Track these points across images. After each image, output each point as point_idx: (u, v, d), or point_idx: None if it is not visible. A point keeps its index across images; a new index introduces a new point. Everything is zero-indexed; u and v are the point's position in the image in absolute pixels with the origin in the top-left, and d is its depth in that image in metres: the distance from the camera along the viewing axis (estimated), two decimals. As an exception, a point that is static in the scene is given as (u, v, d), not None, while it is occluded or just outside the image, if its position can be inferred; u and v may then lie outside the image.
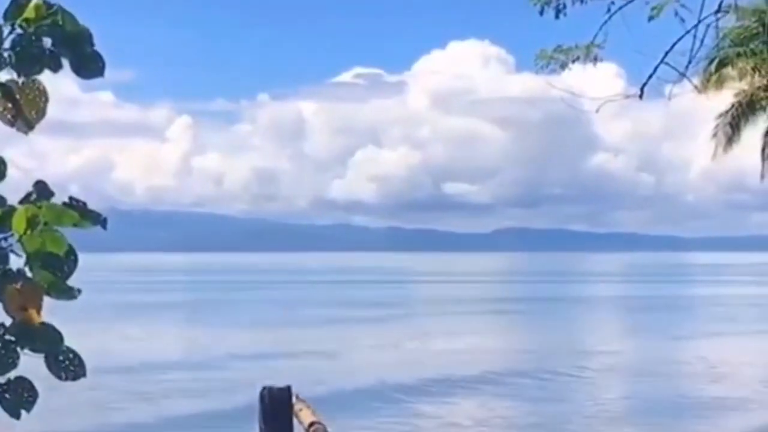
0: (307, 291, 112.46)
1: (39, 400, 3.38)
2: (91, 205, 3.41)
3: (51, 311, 3.28)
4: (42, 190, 3.36)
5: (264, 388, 8.13)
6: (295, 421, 8.02)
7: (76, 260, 3.32)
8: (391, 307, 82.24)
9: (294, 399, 8.11)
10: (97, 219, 3.34)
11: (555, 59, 12.97)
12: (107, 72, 3.47)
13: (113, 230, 3.42)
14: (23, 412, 3.42)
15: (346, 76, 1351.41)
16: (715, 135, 31.90)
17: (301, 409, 7.94)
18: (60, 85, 3.50)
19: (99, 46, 3.46)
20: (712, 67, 26.17)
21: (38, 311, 3.21)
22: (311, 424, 7.56)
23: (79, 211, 3.29)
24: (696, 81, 17.75)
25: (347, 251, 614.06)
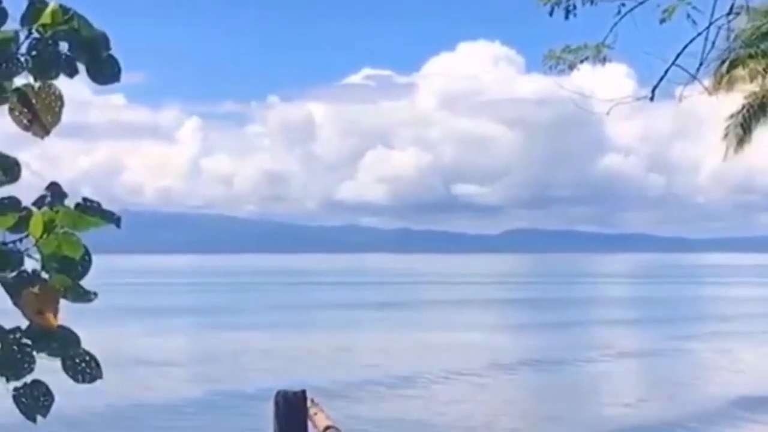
0: (316, 293, 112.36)
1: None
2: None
3: (64, 314, 3.29)
4: (56, 191, 3.37)
5: (278, 393, 8.08)
6: (310, 424, 8.01)
7: (89, 262, 3.33)
8: (401, 308, 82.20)
9: (309, 403, 8.08)
10: (111, 218, 3.35)
11: (563, 59, 12.90)
12: (119, 75, 3.48)
13: (122, 232, 3.43)
14: (39, 417, 3.42)
15: (355, 78, 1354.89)
16: (726, 136, 31.80)
17: (316, 413, 7.92)
18: (72, 87, 3.51)
19: (114, 52, 3.47)
20: (723, 68, 26.08)
21: (55, 315, 3.22)
22: (326, 428, 7.54)
23: (93, 212, 3.30)
24: (707, 82, 17.67)
25: (357, 252, 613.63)
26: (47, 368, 3.39)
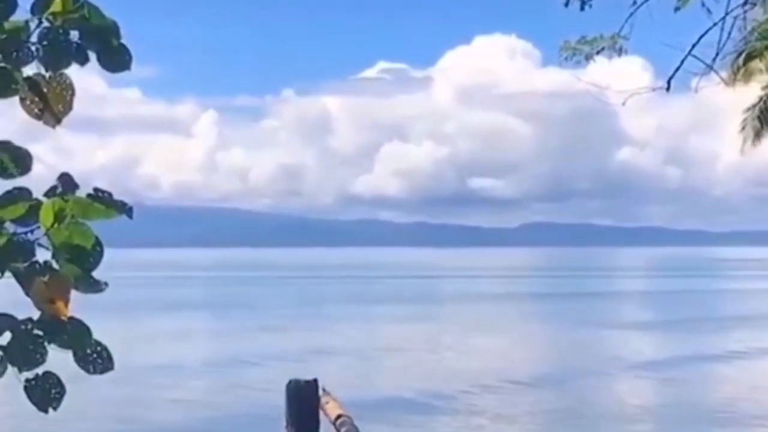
0: (332, 286, 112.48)
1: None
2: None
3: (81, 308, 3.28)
4: (67, 182, 3.35)
5: (290, 382, 8.13)
6: (321, 414, 8.01)
7: (101, 252, 3.31)
8: (419, 303, 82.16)
9: (321, 392, 8.11)
10: (123, 208, 3.33)
11: (579, 50, 12.79)
12: (134, 68, 3.47)
13: (139, 226, 3.43)
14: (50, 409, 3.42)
15: (371, 72, 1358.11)
16: (743, 129, 31.58)
17: (327, 402, 7.92)
18: (87, 81, 3.50)
19: (125, 41, 3.46)
20: (740, 60, 25.91)
21: (66, 304, 3.21)
22: (338, 417, 7.54)
23: (104, 201, 3.28)
24: (723, 74, 17.56)
25: (373, 246, 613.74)
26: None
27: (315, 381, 8.12)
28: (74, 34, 3.37)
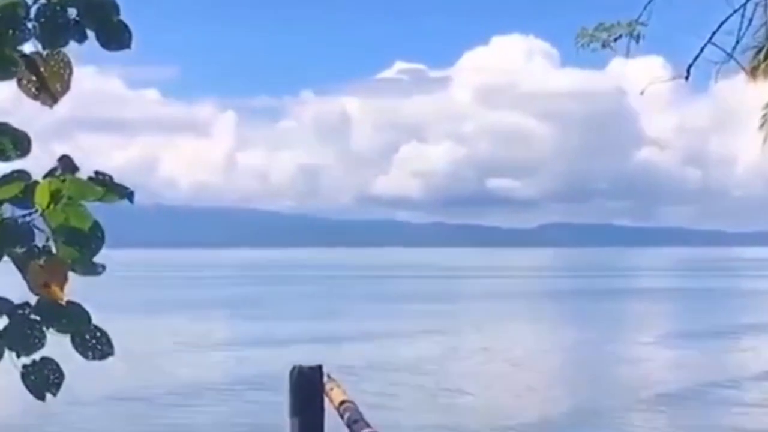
0: (351, 286, 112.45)
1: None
2: (137, 201, 3.33)
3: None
4: (66, 164, 3.27)
5: (294, 368, 8.00)
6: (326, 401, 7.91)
7: (102, 237, 3.22)
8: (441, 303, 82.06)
9: (325, 378, 7.99)
10: (123, 192, 3.24)
11: (596, 37, 12.56)
12: (153, 69, 3.39)
13: (158, 226, 3.33)
14: (49, 396, 3.35)
15: (389, 72, 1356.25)
16: (762, 126, 31.33)
17: (332, 389, 7.82)
18: (107, 83, 3.42)
19: (145, 44, 3.39)
20: (761, 56, 25.71)
21: (62, 287, 3.13)
22: (342, 403, 7.45)
23: (103, 184, 3.19)
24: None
25: (391, 247, 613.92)
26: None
27: (319, 367, 8.00)
28: (72, 12, 3.30)
